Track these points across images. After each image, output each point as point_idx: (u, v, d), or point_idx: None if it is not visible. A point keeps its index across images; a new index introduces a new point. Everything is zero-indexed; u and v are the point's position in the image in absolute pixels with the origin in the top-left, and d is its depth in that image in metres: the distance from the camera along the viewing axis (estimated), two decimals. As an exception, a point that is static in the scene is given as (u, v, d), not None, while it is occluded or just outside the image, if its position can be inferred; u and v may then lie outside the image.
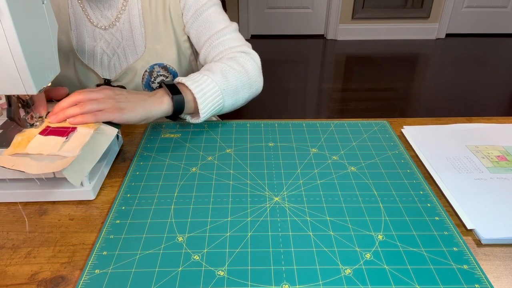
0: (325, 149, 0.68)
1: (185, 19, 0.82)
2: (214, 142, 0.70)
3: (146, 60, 0.83)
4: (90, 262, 0.47)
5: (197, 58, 0.89)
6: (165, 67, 0.85)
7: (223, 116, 0.88)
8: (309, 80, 2.78)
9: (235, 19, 3.36)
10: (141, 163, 0.64)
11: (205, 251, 0.48)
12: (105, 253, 0.48)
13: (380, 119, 0.78)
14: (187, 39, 0.86)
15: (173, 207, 0.55)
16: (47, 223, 0.53)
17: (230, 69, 0.74)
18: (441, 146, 0.68)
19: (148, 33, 0.82)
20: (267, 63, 2.96)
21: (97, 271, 0.45)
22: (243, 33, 0.94)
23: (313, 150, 0.68)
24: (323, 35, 3.58)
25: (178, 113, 0.70)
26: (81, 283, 0.44)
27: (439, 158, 0.65)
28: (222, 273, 0.45)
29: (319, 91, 2.61)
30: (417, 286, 0.44)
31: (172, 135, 0.72)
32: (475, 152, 0.67)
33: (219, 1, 0.84)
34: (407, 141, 0.71)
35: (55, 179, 0.57)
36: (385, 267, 0.46)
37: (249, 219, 0.53)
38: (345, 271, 0.46)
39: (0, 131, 0.61)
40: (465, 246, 0.49)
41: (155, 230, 0.51)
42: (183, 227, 0.52)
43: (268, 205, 0.55)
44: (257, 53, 0.82)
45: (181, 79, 0.70)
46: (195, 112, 0.72)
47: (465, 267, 0.46)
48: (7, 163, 0.52)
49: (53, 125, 0.59)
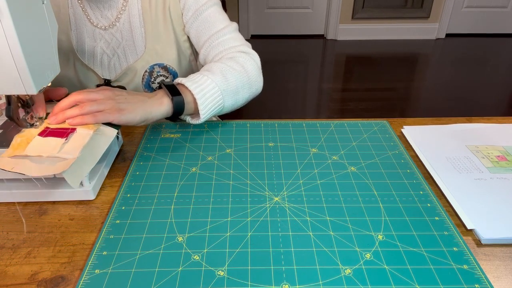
0: (325, 149, 0.68)
1: (185, 19, 0.82)
2: (214, 142, 0.70)
3: (146, 60, 0.83)
4: (90, 262, 0.47)
5: (197, 58, 0.89)
6: (165, 67, 0.85)
7: (223, 116, 0.88)
8: (309, 80, 2.78)
9: (235, 19, 3.36)
10: (141, 163, 0.64)
11: (205, 251, 0.48)
12: (105, 253, 0.48)
13: (380, 119, 0.78)
14: (187, 39, 0.86)
15: (173, 207, 0.55)
16: (47, 223, 0.53)
17: (230, 69, 0.74)
18: (441, 146, 0.68)
19: (148, 33, 0.82)
20: (267, 63, 2.96)
21: (97, 271, 0.46)
22: (243, 33, 0.94)
23: (313, 150, 0.68)
24: (323, 35, 3.58)
25: (178, 114, 0.69)
26: (81, 283, 0.44)
27: (439, 158, 0.65)
28: (222, 273, 0.45)
29: (319, 91, 2.61)
30: (417, 286, 0.44)
31: (172, 135, 0.72)
32: (475, 152, 0.67)
33: (219, 1, 0.84)
34: (407, 141, 0.71)
35: (55, 179, 0.57)
36: (385, 267, 0.46)
37: (249, 219, 0.53)
38: (345, 271, 0.46)
39: (0, 131, 0.61)
40: (465, 246, 0.49)
41: (155, 230, 0.51)
42: (183, 227, 0.52)
43: (268, 205, 0.55)
44: (257, 53, 0.82)
45: (180, 80, 0.70)
46: (195, 113, 0.72)
47: (465, 267, 0.46)
48: (6, 166, 0.51)
49: (52, 126, 0.59)
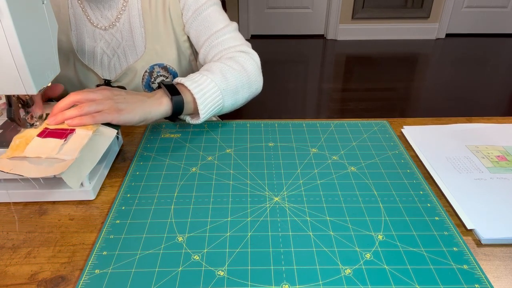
0: (325, 149, 0.68)
1: (185, 19, 0.82)
2: (214, 142, 0.70)
3: (146, 60, 0.83)
4: (90, 262, 0.47)
5: (197, 58, 0.89)
6: (165, 68, 0.85)
7: (223, 116, 0.88)
8: (309, 80, 2.78)
9: (235, 19, 3.36)
10: (141, 163, 0.64)
11: (205, 251, 0.48)
12: (105, 253, 0.48)
13: (380, 119, 0.78)
14: (187, 39, 0.86)
15: (173, 207, 0.55)
16: (47, 223, 0.53)
17: (229, 69, 0.74)
18: (441, 146, 0.68)
19: (148, 33, 0.82)
20: (267, 63, 2.96)
21: (97, 271, 0.46)
22: (243, 33, 0.94)
23: (313, 150, 0.68)
24: (323, 35, 3.58)
25: (177, 114, 0.69)
26: (81, 283, 0.44)
27: (439, 158, 0.65)
28: (222, 273, 0.45)
29: (319, 91, 2.61)
30: (417, 286, 0.44)
31: (172, 135, 0.72)
32: (475, 152, 0.67)
33: (218, 1, 0.84)
34: (407, 141, 0.71)
35: (55, 179, 0.57)
36: (385, 267, 0.46)
37: (249, 219, 0.53)
38: (345, 271, 0.46)
39: (0, 131, 0.61)
40: (465, 246, 0.49)
41: (155, 230, 0.51)
42: (183, 227, 0.52)
43: (268, 205, 0.55)
44: (256, 53, 0.82)
45: (180, 80, 0.70)
46: (195, 112, 0.72)
47: (465, 267, 0.46)
48: (5, 167, 0.51)
49: (51, 127, 0.59)
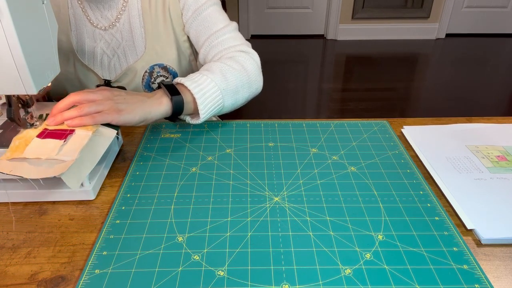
0: (325, 149, 0.68)
1: (185, 19, 0.82)
2: (214, 142, 0.70)
3: (146, 60, 0.83)
4: (90, 262, 0.47)
5: (197, 58, 0.89)
6: (165, 68, 0.85)
7: (223, 116, 0.88)
8: (309, 80, 2.78)
9: (235, 19, 3.36)
10: (141, 163, 0.64)
11: (205, 251, 0.48)
12: (105, 253, 0.48)
13: (380, 119, 0.78)
14: (187, 39, 0.86)
15: (173, 207, 0.55)
16: (47, 223, 0.53)
17: (229, 69, 0.74)
18: (441, 146, 0.68)
19: (148, 33, 0.82)
20: (267, 63, 2.96)
21: (97, 271, 0.46)
22: (243, 33, 0.94)
23: (313, 150, 0.68)
24: (323, 35, 3.58)
25: (177, 114, 0.69)
26: (81, 283, 0.44)
27: (439, 158, 0.65)
28: (222, 273, 0.45)
29: (319, 91, 2.61)
30: (417, 286, 0.44)
31: (172, 135, 0.72)
32: (475, 152, 0.67)
33: (218, 1, 0.84)
34: (407, 141, 0.71)
35: (55, 179, 0.57)
36: (385, 267, 0.46)
37: (249, 219, 0.53)
38: (345, 271, 0.45)
39: (0, 131, 0.61)
40: (465, 246, 0.49)
41: (155, 230, 0.51)
42: (183, 227, 0.52)
43: (268, 205, 0.55)
44: (256, 53, 0.82)
45: (180, 80, 0.70)
46: (195, 112, 0.72)
47: (465, 267, 0.46)
48: (5, 169, 0.51)
49: (51, 128, 0.59)
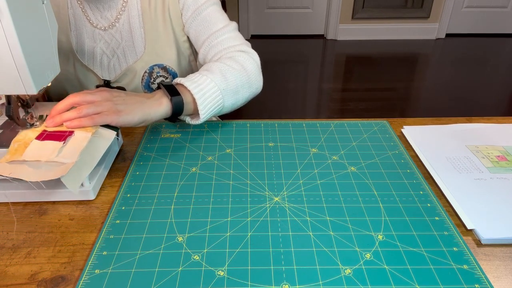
0: (325, 149, 0.68)
1: (184, 19, 0.82)
2: (214, 142, 0.70)
3: (145, 61, 0.83)
4: (90, 262, 0.47)
5: (197, 58, 0.89)
6: (164, 68, 0.85)
7: (223, 116, 0.88)
8: (309, 80, 2.78)
9: (235, 19, 3.36)
10: (141, 163, 0.64)
11: (205, 251, 0.48)
12: (105, 253, 0.48)
13: (380, 119, 0.78)
14: (187, 39, 0.86)
15: (173, 207, 0.55)
16: (47, 223, 0.53)
17: (229, 69, 0.74)
18: (441, 146, 0.68)
19: (147, 34, 0.82)
20: (267, 63, 2.96)
21: (97, 271, 0.46)
22: (243, 33, 0.94)
23: (313, 150, 0.68)
24: (323, 35, 3.58)
25: (177, 114, 0.69)
26: (81, 283, 0.44)
27: (439, 158, 0.65)
28: (222, 273, 0.45)
29: (319, 91, 2.61)
30: (417, 286, 0.44)
31: (172, 135, 0.72)
32: (475, 152, 0.67)
33: (218, 1, 0.84)
34: (407, 141, 0.71)
35: (54, 180, 0.57)
36: (385, 267, 0.46)
37: (249, 219, 0.53)
38: (345, 271, 0.45)
39: (0, 131, 0.61)
40: (465, 246, 0.49)
41: (155, 230, 0.51)
42: (183, 227, 0.52)
43: (268, 205, 0.55)
44: (256, 52, 0.82)
45: (179, 80, 0.70)
46: (195, 113, 0.72)
47: (465, 267, 0.46)
48: (4, 171, 0.51)
49: (50, 129, 0.58)
